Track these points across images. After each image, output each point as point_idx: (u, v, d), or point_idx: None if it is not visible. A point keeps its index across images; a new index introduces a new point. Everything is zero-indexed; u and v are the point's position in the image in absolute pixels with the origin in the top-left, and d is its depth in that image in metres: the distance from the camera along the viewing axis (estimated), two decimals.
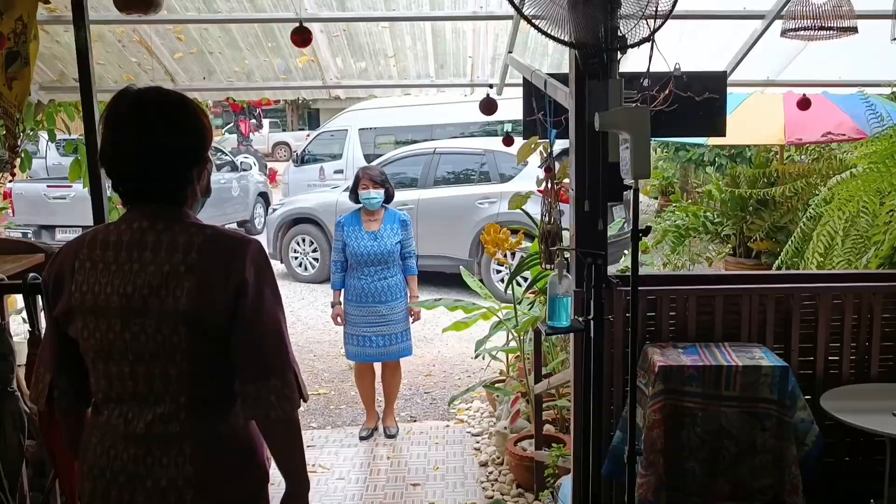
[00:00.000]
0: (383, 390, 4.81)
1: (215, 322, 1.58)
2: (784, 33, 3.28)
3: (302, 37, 3.40)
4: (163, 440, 1.60)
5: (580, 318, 2.68)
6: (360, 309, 4.58)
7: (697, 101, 3.40)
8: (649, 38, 2.36)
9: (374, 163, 10.00)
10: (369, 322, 4.57)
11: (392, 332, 4.62)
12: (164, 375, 1.60)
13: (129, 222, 1.63)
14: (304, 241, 9.56)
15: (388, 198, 4.67)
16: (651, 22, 2.34)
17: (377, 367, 4.80)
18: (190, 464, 1.60)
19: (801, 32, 3.22)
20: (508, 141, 5.03)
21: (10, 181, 3.64)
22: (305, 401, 1.69)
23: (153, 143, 1.60)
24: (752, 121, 6.88)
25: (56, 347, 1.72)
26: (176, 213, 1.65)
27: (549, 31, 2.38)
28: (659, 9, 2.33)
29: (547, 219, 3.27)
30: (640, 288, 2.50)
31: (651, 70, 2.54)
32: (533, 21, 2.37)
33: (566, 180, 3.36)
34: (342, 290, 4.66)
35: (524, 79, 3.55)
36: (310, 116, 31.03)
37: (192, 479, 1.60)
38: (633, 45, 2.40)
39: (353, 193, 4.70)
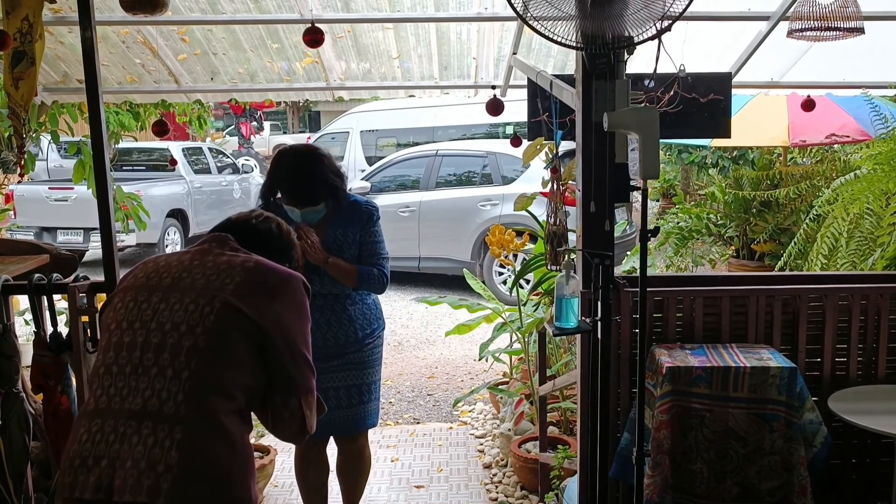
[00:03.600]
0: (342, 489, 3.18)
1: (248, 313, 1.67)
2: (790, 34, 3.28)
3: (314, 37, 3.40)
4: (156, 417, 1.59)
5: (587, 319, 2.67)
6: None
7: (702, 102, 3.41)
8: (656, 37, 2.35)
9: (376, 165, 10.01)
10: (329, 366, 2.88)
11: (362, 380, 2.96)
12: (176, 346, 1.63)
13: (202, 242, 1.85)
14: None
15: (338, 204, 2.93)
16: (658, 22, 2.33)
17: (330, 451, 3.15)
18: (176, 450, 1.57)
19: (807, 33, 3.22)
20: (516, 142, 5.01)
21: (17, 182, 3.64)
22: (309, 433, 1.82)
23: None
24: (756, 122, 6.88)
25: None
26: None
27: (554, 33, 2.37)
28: (667, 10, 2.32)
29: (552, 220, 3.27)
30: (647, 289, 2.49)
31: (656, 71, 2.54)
32: (538, 25, 2.36)
33: (572, 182, 3.35)
34: None
35: (529, 80, 3.54)
36: (310, 119, 31.04)
37: (174, 466, 1.56)
38: (639, 43, 2.39)
39: (269, 199, 2.98)
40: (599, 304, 2.59)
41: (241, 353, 1.67)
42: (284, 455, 4.29)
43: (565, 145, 3.50)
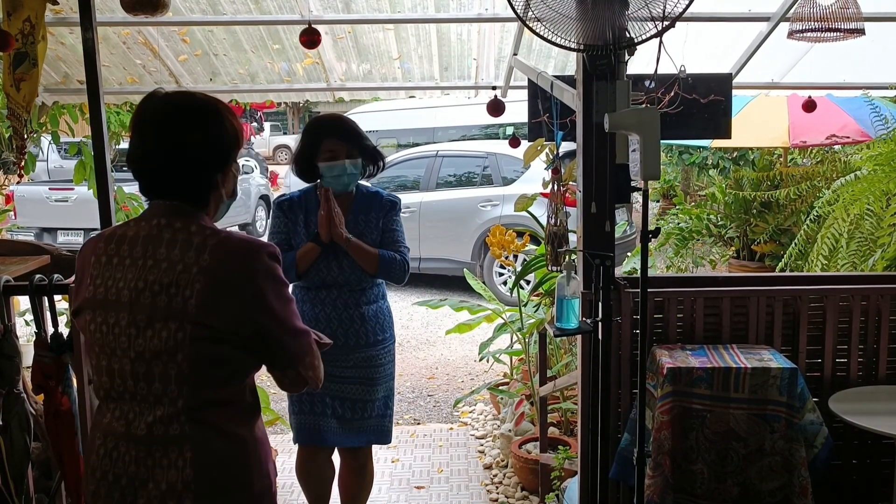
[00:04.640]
0: (342, 498, 3.08)
1: (222, 326, 1.58)
2: (790, 35, 3.28)
3: (310, 38, 3.41)
4: (164, 442, 1.60)
5: (588, 320, 2.67)
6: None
7: (703, 103, 3.41)
8: (657, 37, 2.35)
9: None
10: (331, 373, 2.30)
11: (367, 397, 2.87)
12: (163, 375, 1.59)
13: (149, 218, 1.66)
14: None
15: (373, 169, 2.90)
16: (659, 22, 2.33)
17: (336, 457, 3.05)
18: (190, 467, 1.59)
19: (808, 34, 3.22)
20: (515, 143, 5.03)
21: (16, 182, 3.64)
22: (317, 387, 1.78)
23: (177, 146, 1.62)
24: (757, 123, 6.89)
25: None
26: (195, 213, 1.66)
27: (554, 34, 2.37)
28: (667, 11, 2.32)
29: (553, 221, 3.27)
30: (647, 289, 2.49)
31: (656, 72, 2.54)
32: (538, 27, 2.36)
33: (572, 182, 3.35)
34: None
35: (529, 81, 3.55)
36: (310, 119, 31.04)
37: (191, 483, 1.58)
38: (640, 43, 2.39)
39: (305, 164, 2.87)
40: (600, 304, 2.59)
41: (231, 364, 1.63)
42: (285, 456, 4.29)
43: (566, 146, 3.50)
